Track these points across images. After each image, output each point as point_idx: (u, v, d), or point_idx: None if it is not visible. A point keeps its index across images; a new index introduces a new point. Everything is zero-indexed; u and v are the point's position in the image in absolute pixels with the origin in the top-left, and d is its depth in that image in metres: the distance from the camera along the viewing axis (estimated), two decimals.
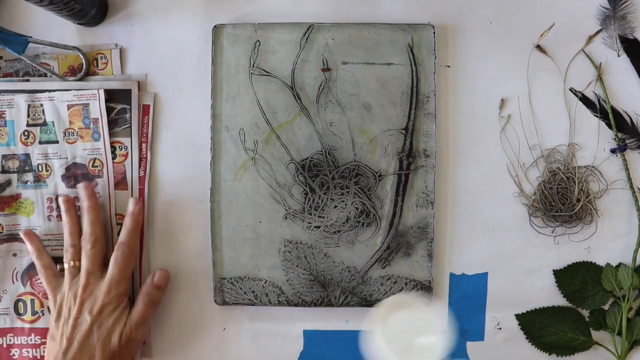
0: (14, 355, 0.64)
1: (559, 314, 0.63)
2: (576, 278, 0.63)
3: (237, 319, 0.65)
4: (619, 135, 0.63)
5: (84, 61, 0.63)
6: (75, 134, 0.63)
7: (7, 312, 0.64)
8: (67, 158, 0.63)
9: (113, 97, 0.63)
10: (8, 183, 0.63)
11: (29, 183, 0.63)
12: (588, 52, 0.63)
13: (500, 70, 0.64)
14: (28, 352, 0.64)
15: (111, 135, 0.63)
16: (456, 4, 0.64)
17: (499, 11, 0.64)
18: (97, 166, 0.63)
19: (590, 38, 0.63)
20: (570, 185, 0.62)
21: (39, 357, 0.64)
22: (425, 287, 0.63)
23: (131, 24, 0.64)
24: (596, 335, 0.63)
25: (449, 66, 0.64)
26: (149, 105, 0.64)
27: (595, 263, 0.63)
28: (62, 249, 0.62)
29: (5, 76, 0.64)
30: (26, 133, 0.63)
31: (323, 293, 0.63)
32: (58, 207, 0.63)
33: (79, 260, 0.60)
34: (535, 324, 0.63)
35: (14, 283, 0.64)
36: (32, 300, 0.64)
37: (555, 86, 0.63)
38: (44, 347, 0.63)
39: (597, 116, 0.63)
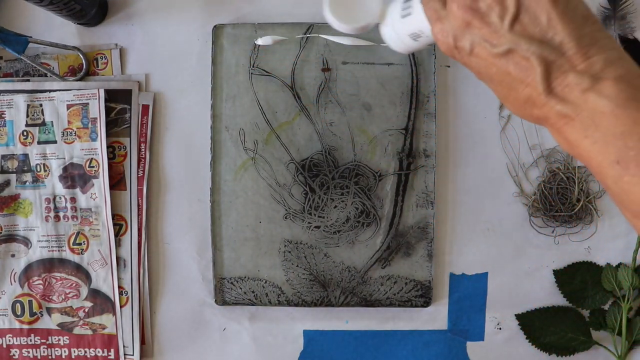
0: (14, 355, 0.63)
1: (559, 314, 0.63)
2: (576, 278, 0.63)
3: (237, 319, 0.64)
4: None
5: (84, 61, 0.63)
6: (73, 134, 0.63)
7: (5, 313, 0.63)
8: (64, 158, 0.63)
9: (113, 97, 0.63)
10: (7, 183, 0.63)
11: (27, 183, 0.63)
12: None
13: None
14: (28, 352, 0.63)
15: (110, 135, 0.63)
16: None
17: None
18: (93, 166, 0.63)
19: None
20: (570, 185, 0.63)
21: (39, 357, 0.64)
22: (425, 287, 0.63)
23: (131, 24, 0.64)
24: (596, 335, 0.63)
25: (449, 66, 0.64)
26: (148, 105, 0.64)
27: (595, 263, 0.63)
28: (60, 250, 0.62)
29: (5, 76, 0.64)
30: (25, 133, 0.63)
31: (323, 293, 0.63)
32: (56, 207, 0.63)
33: None
34: (535, 324, 0.64)
35: (11, 284, 0.63)
36: (30, 302, 0.63)
37: None
38: (44, 348, 0.63)
39: None
